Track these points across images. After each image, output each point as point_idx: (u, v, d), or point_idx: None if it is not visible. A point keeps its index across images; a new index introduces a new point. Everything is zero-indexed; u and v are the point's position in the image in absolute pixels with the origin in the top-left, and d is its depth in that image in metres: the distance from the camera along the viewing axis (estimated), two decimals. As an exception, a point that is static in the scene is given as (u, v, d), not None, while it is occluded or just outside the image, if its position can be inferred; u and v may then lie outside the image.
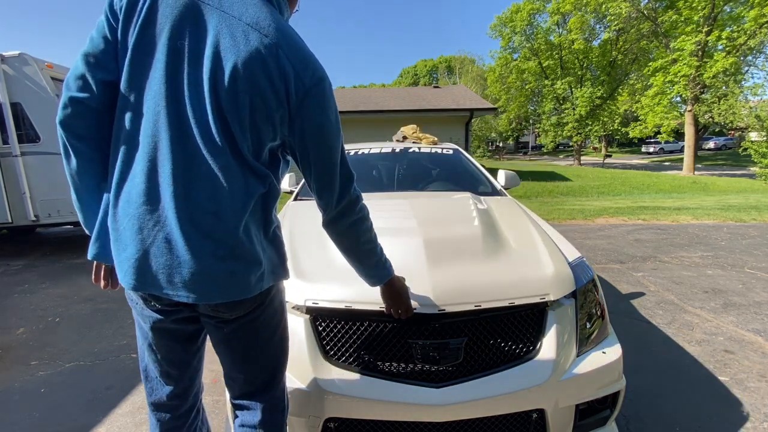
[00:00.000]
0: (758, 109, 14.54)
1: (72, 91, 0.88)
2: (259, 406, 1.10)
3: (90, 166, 0.93)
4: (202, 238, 0.86)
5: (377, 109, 14.83)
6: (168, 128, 0.84)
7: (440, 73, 51.61)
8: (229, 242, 0.88)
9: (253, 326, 1.03)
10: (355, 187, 1.06)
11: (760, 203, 8.47)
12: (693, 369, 2.32)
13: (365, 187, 2.85)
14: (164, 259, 0.86)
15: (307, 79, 0.89)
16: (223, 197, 0.87)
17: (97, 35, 0.88)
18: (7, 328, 3.13)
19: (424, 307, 1.28)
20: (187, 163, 0.85)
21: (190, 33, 0.84)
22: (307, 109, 0.91)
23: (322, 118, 0.94)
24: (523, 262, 1.51)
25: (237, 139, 0.87)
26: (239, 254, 0.90)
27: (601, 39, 24.56)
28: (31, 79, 4.88)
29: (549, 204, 9.33)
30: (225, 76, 0.83)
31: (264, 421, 1.10)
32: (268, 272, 0.98)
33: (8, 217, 5.15)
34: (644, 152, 35.85)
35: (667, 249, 4.98)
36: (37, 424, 1.98)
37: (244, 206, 0.89)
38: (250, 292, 0.94)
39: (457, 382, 1.28)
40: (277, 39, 0.86)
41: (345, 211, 1.05)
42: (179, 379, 1.08)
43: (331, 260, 1.53)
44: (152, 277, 0.87)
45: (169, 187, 0.84)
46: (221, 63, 0.83)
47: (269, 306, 1.05)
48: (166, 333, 1.02)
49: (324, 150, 0.97)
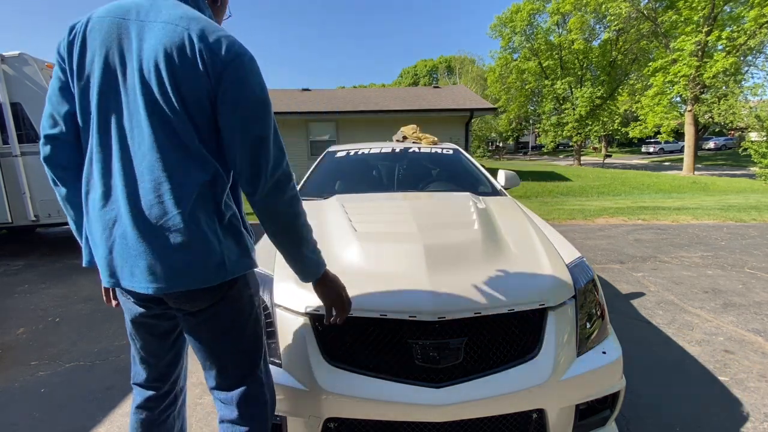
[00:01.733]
0: (758, 109, 14.53)
1: (45, 130, 1.01)
2: (235, 401, 1.11)
3: (77, 190, 1.02)
4: (151, 230, 0.92)
5: (377, 109, 14.82)
6: (114, 135, 0.94)
7: (440, 73, 51.58)
8: (176, 232, 0.92)
9: (218, 320, 1.05)
10: (288, 163, 1.03)
11: (760, 203, 8.47)
12: (693, 369, 2.32)
13: (366, 187, 2.91)
14: (124, 254, 0.94)
15: (222, 55, 0.91)
16: (166, 189, 0.92)
17: (54, 78, 1.01)
18: (7, 328, 3.13)
19: (424, 314, 1.28)
20: (133, 161, 0.93)
21: (117, 48, 0.93)
22: (227, 83, 0.92)
23: (244, 91, 0.93)
24: (523, 268, 1.51)
25: (177, 130, 0.93)
26: (188, 243, 0.92)
27: (601, 39, 24.58)
28: (31, 79, 4.88)
29: (549, 204, 9.33)
30: (151, 72, 0.90)
31: (242, 416, 1.11)
32: (230, 262, 0.99)
33: (8, 217, 5.15)
34: (644, 152, 35.85)
35: (667, 249, 4.99)
36: (37, 424, 1.98)
37: (189, 196, 0.93)
38: (207, 282, 0.96)
39: (457, 382, 1.28)
40: (189, 25, 0.92)
41: (280, 186, 0.99)
42: (155, 366, 1.18)
43: (332, 264, 1.52)
44: (119, 272, 0.96)
45: (120, 186, 0.93)
46: (145, 62, 0.91)
47: (235, 300, 1.06)
48: (143, 326, 1.11)
49: (250, 123, 0.95)
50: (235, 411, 1.11)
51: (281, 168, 0.99)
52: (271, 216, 1.02)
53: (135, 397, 1.23)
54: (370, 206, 2.24)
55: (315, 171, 3.07)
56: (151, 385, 1.20)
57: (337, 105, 15.21)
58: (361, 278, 1.42)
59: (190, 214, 0.93)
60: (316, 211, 2.18)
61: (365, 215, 2.01)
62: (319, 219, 2.02)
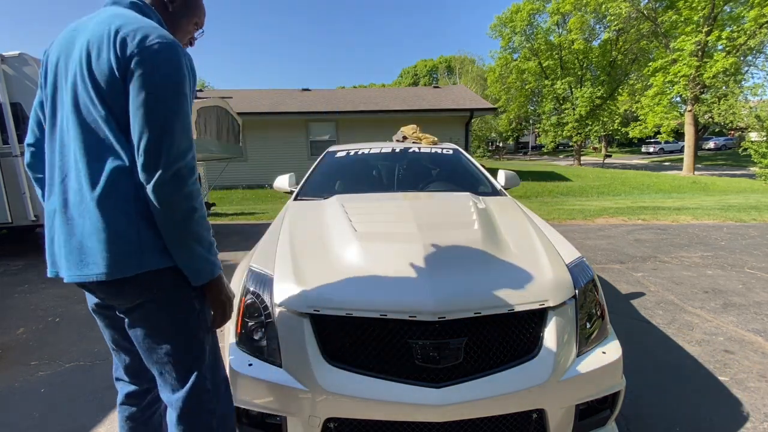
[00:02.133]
0: (758, 109, 14.54)
1: (27, 140, 1.15)
2: (174, 406, 1.10)
3: None
4: (71, 218, 0.97)
5: (377, 109, 14.83)
6: (57, 133, 1.02)
7: (440, 73, 51.59)
8: (89, 219, 0.95)
9: (148, 321, 1.04)
10: (194, 157, 1.00)
11: (760, 203, 8.47)
12: (693, 369, 2.32)
13: (366, 187, 2.91)
14: (58, 243, 1.00)
15: (133, 44, 0.93)
16: (84, 176, 0.96)
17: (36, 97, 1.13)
18: (7, 328, 3.12)
19: (424, 314, 1.28)
20: (67, 154, 1.00)
21: (65, 55, 1.02)
22: (134, 70, 0.93)
23: (150, 77, 0.93)
24: (523, 269, 1.51)
25: (96, 119, 0.97)
26: (99, 230, 0.94)
27: (601, 39, 24.59)
28: (31, 79, 4.87)
29: (549, 204, 9.33)
30: (76, 66, 0.98)
31: (180, 422, 1.09)
32: (149, 254, 0.97)
33: (8, 217, 5.15)
34: (644, 152, 35.85)
35: (667, 249, 4.99)
36: (37, 424, 1.98)
37: (102, 182, 0.95)
38: (120, 272, 0.95)
39: (457, 382, 1.28)
40: (113, 21, 0.97)
41: (180, 179, 0.95)
42: (127, 361, 1.22)
43: (332, 263, 1.53)
44: (57, 261, 1.02)
45: (57, 178, 1.01)
46: (75, 59, 0.99)
47: (167, 302, 1.04)
48: (101, 317, 1.17)
49: (152, 109, 0.93)
50: (174, 415, 1.10)
51: (184, 160, 0.95)
52: (166, 209, 0.95)
53: (118, 393, 1.25)
54: (370, 206, 2.24)
55: (315, 171, 3.07)
56: (131, 380, 1.23)
57: (337, 105, 15.22)
58: (361, 278, 1.43)
59: (102, 201, 0.95)
60: (316, 211, 2.19)
61: (365, 215, 2.01)
62: (319, 219, 2.03)
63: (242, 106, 13.59)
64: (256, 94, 17.50)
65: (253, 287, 1.49)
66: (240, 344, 1.44)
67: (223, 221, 8.02)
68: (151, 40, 0.94)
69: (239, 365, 1.37)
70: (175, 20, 1.15)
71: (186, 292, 1.05)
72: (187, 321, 1.07)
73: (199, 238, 1.00)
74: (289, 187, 2.96)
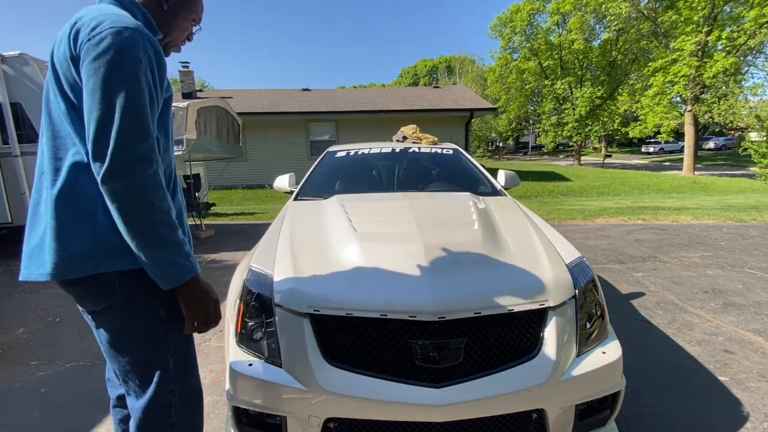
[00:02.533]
0: (758, 109, 14.54)
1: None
2: (134, 414, 1.07)
3: None
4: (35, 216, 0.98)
5: (377, 109, 14.84)
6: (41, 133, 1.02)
7: (440, 73, 51.58)
8: (46, 216, 0.94)
9: (111, 325, 1.02)
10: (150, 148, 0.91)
11: (760, 203, 8.47)
12: (693, 369, 2.32)
13: (366, 187, 2.91)
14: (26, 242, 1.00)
15: (90, 32, 0.91)
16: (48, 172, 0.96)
17: None
18: (7, 328, 3.13)
19: (424, 314, 1.28)
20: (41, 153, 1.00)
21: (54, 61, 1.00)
22: (85, 57, 0.90)
23: (100, 63, 0.88)
24: (523, 269, 1.51)
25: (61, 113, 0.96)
26: (53, 228, 0.93)
27: (601, 39, 24.59)
28: (31, 80, 4.88)
29: (549, 204, 9.33)
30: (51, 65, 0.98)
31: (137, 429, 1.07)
32: (109, 253, 0.94)
33: (8, 217, 5.15)
34: (644, 152, 35.84)
35: (667, 249, 4.99)
36: (37, 424, 1.98)
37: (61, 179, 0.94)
38: (70, 272, 0.93)
39: (457, 383, 1.28)
40: (84, 14, 0.96)
41: (130, 171, 0.87)
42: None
43: (332, 263, 1.53)
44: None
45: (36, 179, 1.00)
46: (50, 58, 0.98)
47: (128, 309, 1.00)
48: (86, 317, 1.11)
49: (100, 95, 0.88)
50: (132, 425, 1.08)
51: (135, 151, 0.88)
52: (115, 204, 0.88)
53: (110, 395, 1.25)
54: (370, 206, 2.25)
55: (315, 171, 3.08)
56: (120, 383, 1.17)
57: (337, 105, 15.22)
58: (361, 278, 1.43)
59: (59, 198, 0.93)
60: (316, 211, 2.19)
61: (365, 215, 2.01)
62: (319, 219, 2.03)
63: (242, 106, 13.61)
64: (256, 94, 17.51)
65: (253, 287, 1.49)
66: (240, 344, 1.44)
67: (223, 221, 8.02)
68: (102, 27, 0.89)
69: (239, 365, 1.36)
70: (172, 17, 1.12)
71: (152, 297, 0.99)
72: (149, 328, 1.02)
73: (160, 239, 0.92)
74: (289, 187, 2.97)
